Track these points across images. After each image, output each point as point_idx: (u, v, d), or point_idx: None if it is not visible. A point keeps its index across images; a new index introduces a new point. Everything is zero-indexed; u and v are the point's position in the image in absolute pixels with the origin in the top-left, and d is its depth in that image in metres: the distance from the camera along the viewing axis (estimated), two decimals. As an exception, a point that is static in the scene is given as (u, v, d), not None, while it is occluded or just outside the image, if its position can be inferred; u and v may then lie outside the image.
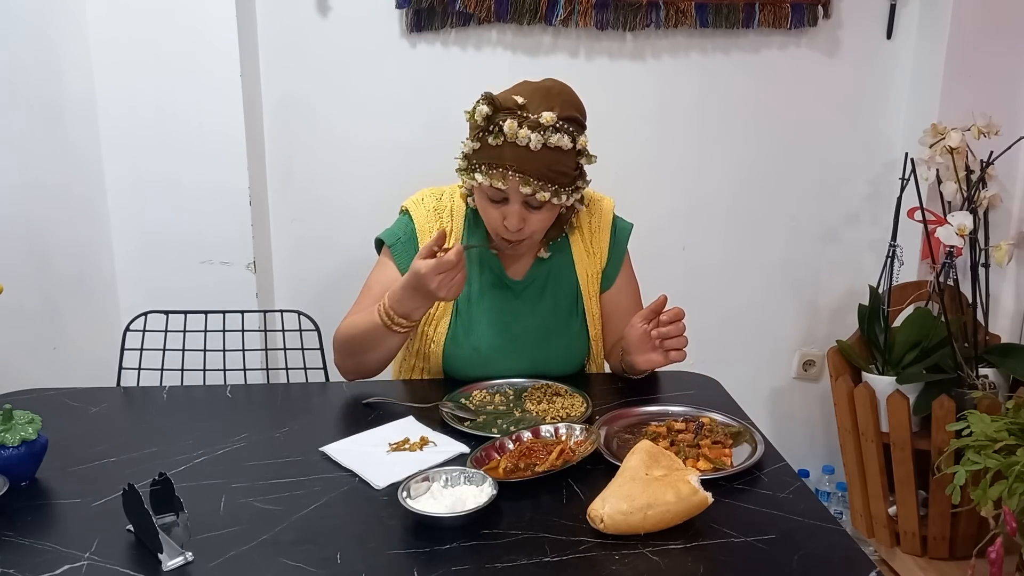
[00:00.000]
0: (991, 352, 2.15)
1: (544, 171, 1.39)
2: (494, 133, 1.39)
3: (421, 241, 1.56)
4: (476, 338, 1.57)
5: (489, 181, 1.41)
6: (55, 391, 1.51)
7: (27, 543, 1.03)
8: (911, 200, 2.12)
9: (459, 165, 1.49)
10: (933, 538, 2.13)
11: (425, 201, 1.60)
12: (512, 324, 1.58)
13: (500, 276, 1.59)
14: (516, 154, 1.38)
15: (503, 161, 1.39)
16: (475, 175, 1.43)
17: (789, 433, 2.60)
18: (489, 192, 1.44)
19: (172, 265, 2.14)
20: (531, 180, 1.38)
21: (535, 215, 1.45)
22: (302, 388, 1.64)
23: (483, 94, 1.39)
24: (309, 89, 2.23)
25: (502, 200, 1.44)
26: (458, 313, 1.58)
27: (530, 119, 1.37)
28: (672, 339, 1.43)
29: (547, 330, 1.59)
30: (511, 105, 1.38)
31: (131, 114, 2.05)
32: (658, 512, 1.04)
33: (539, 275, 1.61)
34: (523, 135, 1.36)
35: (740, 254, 2.47)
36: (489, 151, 1.40)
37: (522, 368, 1.56)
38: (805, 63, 2.34)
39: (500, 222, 1.46)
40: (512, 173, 1.39)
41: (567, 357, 1.62)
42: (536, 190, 1.39)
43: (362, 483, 1.18)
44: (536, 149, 1.37)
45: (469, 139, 1.44)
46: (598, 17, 2.20)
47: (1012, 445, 1.66)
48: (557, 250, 1.61)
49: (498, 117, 1.38)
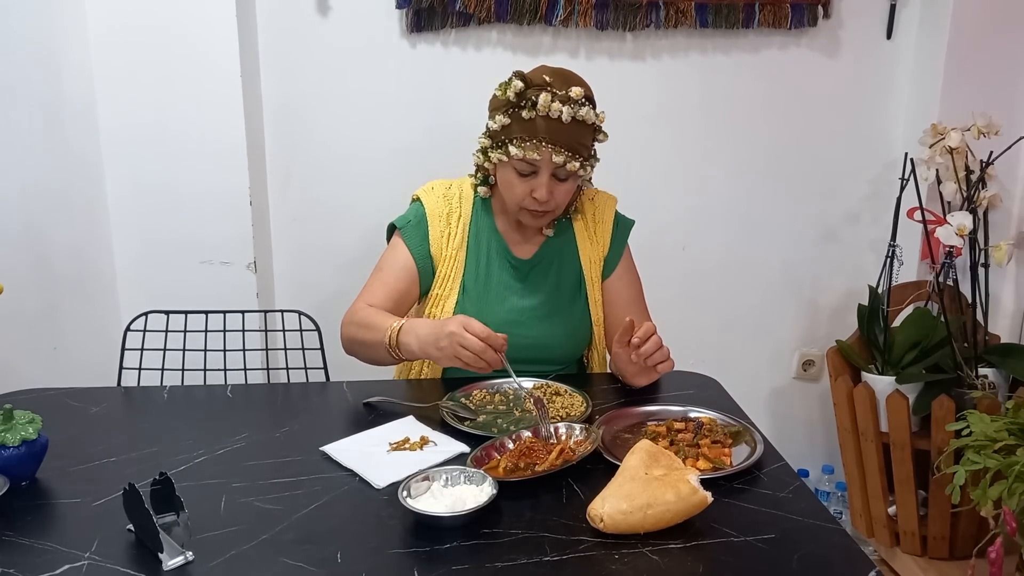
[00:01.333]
0: (991, 352, 2.15)
1: (573, 143, 1.50)
2: (527, 107, 1.49)
3: (431, 223, 1.65)
4: (483, 315, 1.59)
5: (523, 153, 1.50)
6: (55, 391, 1.51)
7: (27, 543, 1.03)
8: (911, 200, 2.12)
9: (482, 145, 1.60)
10: (933, 538, 2.13)
11: (435, 189, 1.69)
12: (518, 302, 1.64)
13: (507, 256, 1.66)
14: (549, 126, 1.49)
15: (537, 133, 1.49)
16: (508, 148, 1.51)
17: (789, 433, 2.60)
18: (519, 166, 1.53)
19: (172, 265, 2.14)
20: (562, 150, 1.49)
21: (561, 187, 1.55)
22: (302, 388, 1.64)
23: (515, 72, 1.51)
24: (309, 90, 2.23)
25: (531, 173, 1.53)
26: (465, 291, 1.64)
27: (560, 94, 1.48)
28: (653, 355, 1.45)
29: (551, 309, 1.65)
30: (540, 82, 1.50)
31: (132, 116, 2.05)
32: (658, 511, 1.04)
33: (544, 256, 1.68)
34: (556, 108, 1.47)
35: (740, 254, 2.47)
36: (522, 124, 1.50)
37: (526, 345, 1.59)
38: (805, 63, 2.34)
39: (527, 195, 1.55)
40: (545, 144, 1.49)
41: (570, 337, 1.68)
42: (567, 160, 1.50)
43: (362, 483, 1.18)
44: (567, 121, 1.48)
45: (499, 116, 1.53)
46: (598, 17, 2.20)
47: (1012, 445, 1.66)
48: (562, 234, 1.69)
49: (530, 92, 1.49)
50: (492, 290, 1.64)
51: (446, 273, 1.64)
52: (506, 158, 1.53)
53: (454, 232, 1.65)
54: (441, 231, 1.64)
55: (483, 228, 1.67)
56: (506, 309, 1.63)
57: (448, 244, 1.64)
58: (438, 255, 1.65)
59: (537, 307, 1.65)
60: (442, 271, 1.65)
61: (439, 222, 1.65)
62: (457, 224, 1.65)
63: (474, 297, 1.64)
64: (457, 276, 1.64)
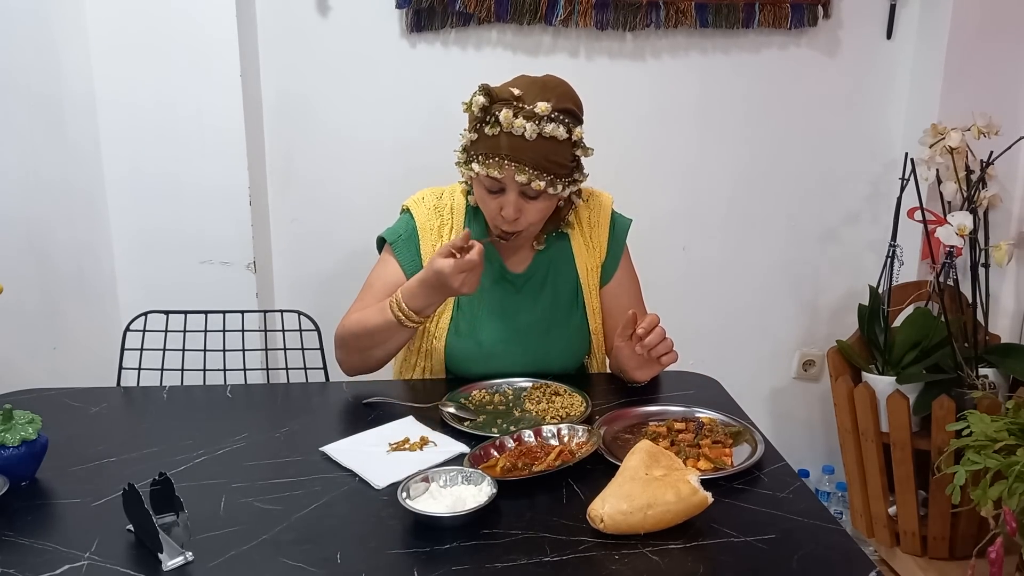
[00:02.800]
0: (991, 352, 2.15)
1: (539, 160, 1.42)
2: (490, 123, 1.42)
3: (422, 237, 1.59)
4: (478, 332, 1.58)
5: (486, 171, 1.44)
6: (55, 391, 1.51)
7: (27, 543, 1.03)
8: (911, 200, 2.12)
9: (458, 158, 1.52)
10: (933, 538, 2.13)
11: (425, 200, 1.63)
12: (513, 317, 1.60)
13: (501, 270, 1.61)
14: (511, 143, 1.41)
15: (499, 150, 1.42)
16: (472, 165, 1.46)
17: (789, 433, 2.60)
18: (486, 182, 1.47)
19: (172, 265, 2.14)
20: (526, 169, 1.41)
21: (532, 205, 1.47)
22: (302, 388, 1.64)
23: (480, 85, 1.43)
24: (309, 90, 2.23)
25: (499, 190, 1.47)
26: (459, 308, 1.59)
27: (525, 109, 1.40)
28: (657, 347, 1.43)
29: (548, 323, 1.61)
30: (507, 96, 1.42)
31: (132, 117, 2.05)
32: (658, 512, 1.04)
33: (539, 269, 1.63)
34: (518, 124, 1.39)
35: (740, 254, 2.47)
36: (486, 141, 1.43)
37: (524, 362, 1.57)
38: (805, 63, 2.34)
39: (498, 212, 1.49)
40: (508, 162, 1.42)
41: (568, 350, 1.64)
42: (531, 179, 1.42)
43: (362, 483, 1.18)
44: (531, 138, 1.40)
45: (467, 131, 1.47)
46: (598, 17, 2.20)
47: (1012, 445, 1.66)
48: (557, 244, 1.64)
49: (494, 107, 1.42)
50: (487, 307, 1.59)
51: None
52: (473, 174, 1.48)
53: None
54: (433, 244, 1.59)
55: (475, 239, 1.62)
56: (502, 326, 1.59)
57: None
58: None
59: (534, 323, 1.60)
60: None
61: (430, 235, 1.60)
62: (449, 236, 1.59)
63: (468, 314, 1.59)
64: None
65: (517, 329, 1.59)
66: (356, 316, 1.56)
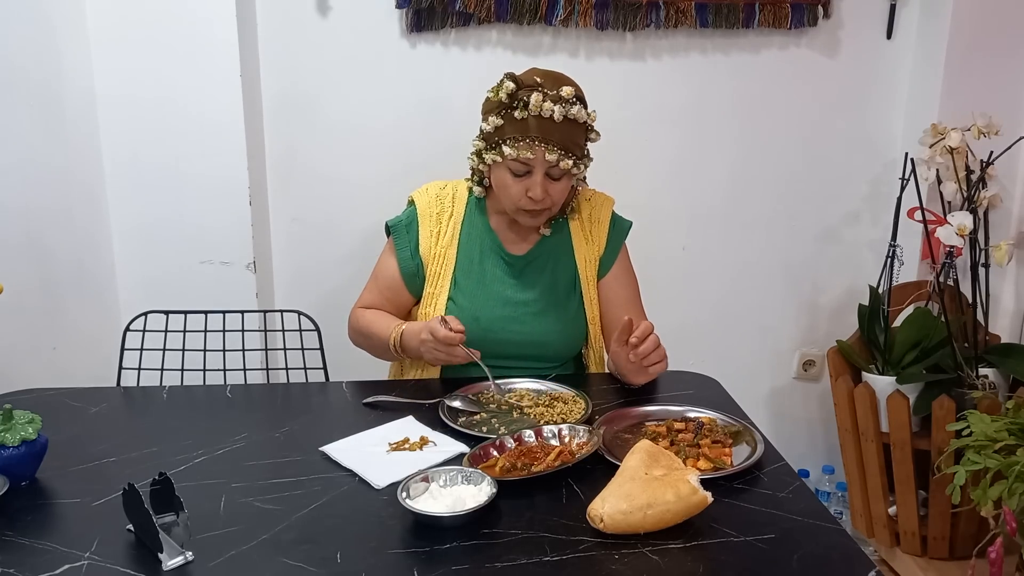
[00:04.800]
0: (991, 352, 2.15)
1: (565, 141, 1.53)
2: (519, 107, 1.51)
3: (421, 223, 1.68)
4: (476, 308, 1.64)
5: (517, 152, 1.52)
6: (55, 391, 1.51)
7: (27, 543, 1.03)
8: (911, 200, 2.12)
9: (477, 147, 1.62)
10: (933, 538, 2.13)
11: (429, 190, 1.72)
12: (512, 296, 1.65)
13: (500, 252, 1.68)
14: (541, 125, 1.51)
15: (529, 132, 1.51)
16: (503, 148, 1.53)
17: (789, 433, 2.60)
18: (513, 165, 1.55)
19: (172, 264, 2.14)
20: (555, 148, 1.51)
21: (555, 185, 1.57)
22: (302, 388, 1.64)
23: (506, 74, 1.54)
24: (309, 90, 2.23)
25: (525, 173, 1.55)
26: (457, 285, 1.65)
27: (551, 93, 1.51)
28: (649, 356, 1.47)
29: (545, 304, 1.67)
30: (532, 83, 1.52)
31: (132, 117, 2.05)
32: (658, 511, 1.04)
33: (540, 254, 1.69)
34: (547, 107, 1.50)
35: (740, 254, 2.47)
36: (515, 124, 1.52)
37: (521, 341, 1.63)
38: (805, 63, 2.33)
39: (523, 194, 1.56)
40: (538, 143, 1.51)
41: (565, 333, 1.68)
42: (560, 158, 1.52)
43: (362, 483, 1.18)
44: (559, 120, 1.51)
45: (492, 117, 1.55)
46: (598, 17, 2.20)
47: (1012, 445, 1.65)
48: (558, 234, 1.70)
49: (522, 93, 1.52)
50: (485, 284, 1.65)
51: (436, 271, 1.65)
52: (500, 159, 1.55)
53: (444, 230, 1.67)
54: (431, 230, 1.67)
55: (476, 226, 1.68)
56: (500, 304, 1.64)
57: (438, 242, 1.66)
58: (427, 254, 1.66)
59: (531, 303, 1.65)
60: (432, 269, 1.66)
61: (429, 221, 1.67)
62: (448, 222, 1.68)
63: (467, 291, 1.64)
64: (447, 273, 1.65)
65: (515, 308, 1.65)
66: (366, 319, 1.67)
